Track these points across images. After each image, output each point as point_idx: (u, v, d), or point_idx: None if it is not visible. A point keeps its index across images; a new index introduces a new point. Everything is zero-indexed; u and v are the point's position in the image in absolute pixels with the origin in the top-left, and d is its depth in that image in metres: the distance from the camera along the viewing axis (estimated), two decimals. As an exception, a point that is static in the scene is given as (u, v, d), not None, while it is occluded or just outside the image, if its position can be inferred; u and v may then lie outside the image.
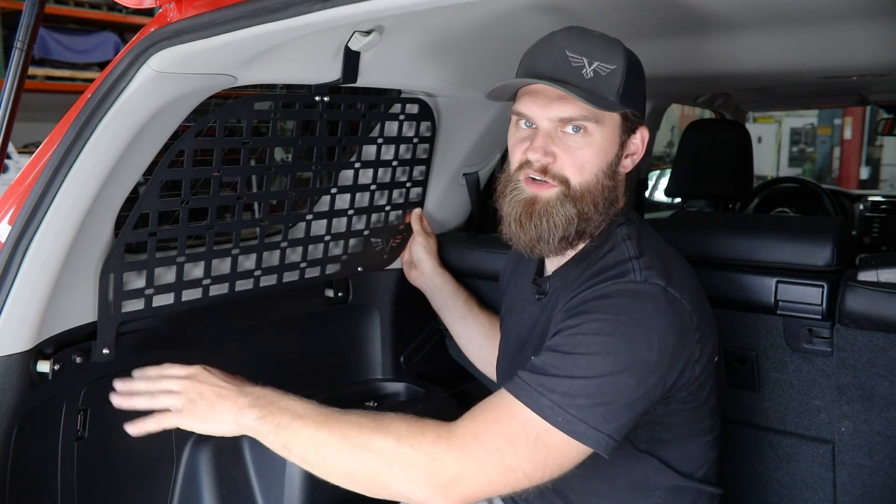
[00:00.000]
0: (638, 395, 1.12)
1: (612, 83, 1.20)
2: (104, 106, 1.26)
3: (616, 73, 1.20)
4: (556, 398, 1.09)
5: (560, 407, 1.09)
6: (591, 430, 1.09)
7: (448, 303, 1.86)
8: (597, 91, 1.20)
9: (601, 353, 1.12)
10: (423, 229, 1.96)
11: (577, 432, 1.09)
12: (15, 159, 4.58)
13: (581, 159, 1.24)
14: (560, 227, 1.24)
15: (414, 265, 1.94)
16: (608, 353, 1.12)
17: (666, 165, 4.71)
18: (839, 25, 1.48)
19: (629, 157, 1.30)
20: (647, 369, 1.13)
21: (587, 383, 1.10)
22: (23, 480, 1.37)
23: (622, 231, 1.29)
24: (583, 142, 1.23)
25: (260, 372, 1.85)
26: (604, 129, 1.24)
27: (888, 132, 4.41)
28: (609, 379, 1.11)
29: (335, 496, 1.72)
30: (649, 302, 1.16)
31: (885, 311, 1.51)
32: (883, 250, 3.55)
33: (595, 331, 1.13)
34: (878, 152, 12.29)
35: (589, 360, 1.11)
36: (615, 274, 1.20)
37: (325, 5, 1.08)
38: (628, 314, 1.14)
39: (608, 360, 1.11)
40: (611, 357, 1.11)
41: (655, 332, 1.14)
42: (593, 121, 1.22)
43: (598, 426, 1.10)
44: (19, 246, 1.28)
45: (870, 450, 1.60)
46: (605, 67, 1.20)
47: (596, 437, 1.10)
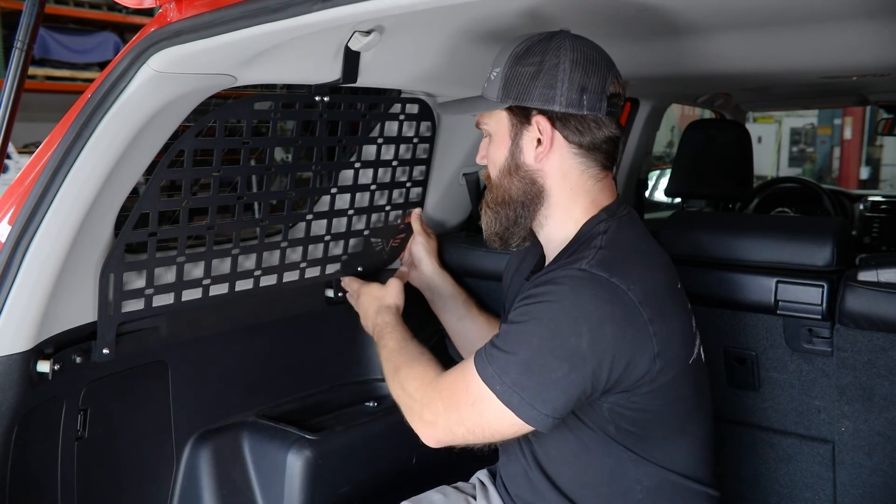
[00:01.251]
0: (571, 379, 1.18)
1: (495, 86, 1.32)
2: (104, 106, 1.26)
3: (499, 77, 1.31)
4: (497, 368, 1.21)
5: (498, 376, 1.20)
6: (525, 403, 1.19)
7: (448, 303, 1.86)
8: (487, 97, 1.34)
9: (531, 333, 1.20)
10: (423, 229, 1.96)
11: (511, 403, 1.19)
12: (15, 159, 4.58)
13: (490, 156, 1.39)
14: (488, 226, 1.41)
15: (413, 265, 1.94)
16: (534, 333, 1.20)
17: (666, 165, 4.70)
18: (839, 25, 1.48)
19: (538, 148, 1.31)
20: (579, 355, 1.18)
21: (518, 360, 1.20)
22: (23, 480, 1.37)
23: (601, 226, 1.31)
24: (490, 141, 1.39)
25: (260, 372, 1.86)
26: (496, 126, 1.36)
27: (888, 132, 4.41)
28: (537, 358, 1.19)
29: (335, 496, 1.73)
30: (586, 291, 1.19)
31: (885, 311, 1.51)
32: (883, 250, 3.55)
33: (530, 313, 1.21)
34: (878, 152, 12.29)
35: (519, 338, 1.21)
36: (570, 262, 1.24)
37: (325, 5, 1.08)
38: (560, 300, 1.20)
39: (534, 341, 1.20)
40: (535, 339, 1.20)
41: (587, 320, 1.18)
42: (485, 122, 1.38)
43: (533, 402, 1.18)
44: (19, 246, 1.28)
45: (870, 450, 1.60)
46: (494, 73, 1.33)
47: (530, 411, 1.19)
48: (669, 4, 1.35)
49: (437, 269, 1.91)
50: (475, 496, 1.54)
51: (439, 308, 1.88)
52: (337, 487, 1.73)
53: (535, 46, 1.29)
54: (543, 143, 1.30)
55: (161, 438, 1.67)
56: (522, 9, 1.35)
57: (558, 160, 1.31)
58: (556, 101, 1.27)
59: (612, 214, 1.33)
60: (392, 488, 1.66)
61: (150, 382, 1.64)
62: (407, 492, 1.55)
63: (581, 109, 1.28)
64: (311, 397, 1.95)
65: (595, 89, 1.27)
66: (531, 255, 1.50)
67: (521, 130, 1.32)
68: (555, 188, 1.33)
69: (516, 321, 1.23)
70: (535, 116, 1.30)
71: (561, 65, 1.26)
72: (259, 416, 1.80)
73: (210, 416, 1.75)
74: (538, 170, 1.32)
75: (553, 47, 1.27)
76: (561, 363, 1.17)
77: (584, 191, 1.33)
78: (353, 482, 1.77)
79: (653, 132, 3.17)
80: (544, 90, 1.27)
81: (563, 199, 1.33)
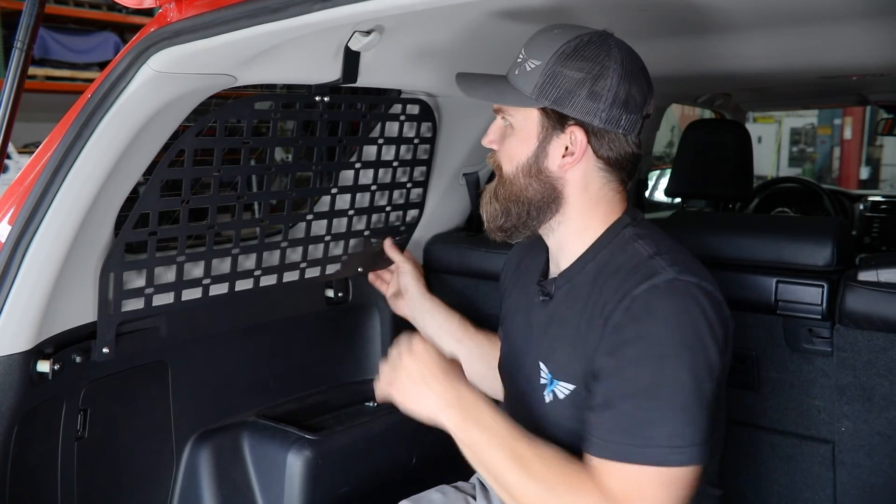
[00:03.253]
0: (713, 393, 1.14)
1: (531, 79, 1.22)
2: (104, 106, 1.26)
3: (537, 70, 1.22)
4: (664, 442, 1.10)
5: (673, 448, 1.10)
6: (698, 447, 1.11)
7: (443, 326, 1.79)
8: (517, 86, 1.24)
9: (676, 376, 1.11)
10: (406, 258, 1.92)
11: (693, 458, 1.11)
12: (15, 159, 4.58)
13: (508, 150, 1.29)
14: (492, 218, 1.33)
15: (401, 294, 1.89)
16: (682, 371, 1.11)
17: (666, 165, 4.70)
18: (839, 25, 1.48)
19: (565, 158, 1.25)
20: (714, 367, 1.14)
21: (682, 413, 1.11)
22: (23, 480, 1.37)
23: (629, 231, 1.28)
24: (510, 134, 1.29)
25: (260, 372, 1.86)
26: (522, 121, 1.27)
27: (888, 132, 4.41)
28: (696, 398, 1.11)
29: (335, 496, 1.73)
30: (690, 300, 1.15)
31: (885, 311, 1.51)
32: (883, 250, 3.55)
33: (658, 354, 1.13)
34: (878, 152, 12.29)
35: (672, 390, 1.11)
36: (644, 274, 1.18)
37: (325, 5, 1.08)
38: (679, 319, 1.14)
39: (685, 379, 1.11)
40: (686, 374, 1.11)
41: (708, 328, 1.14)
42: (509, 113, 1.29)
43: (701, 440, 1.11)
44: (19, 246, 1.28)
45: (870, 450, 1.60)
46: (532, 63, 1.23)
47: (702, 449, 1.11)
48: (669, 4, 1.35)
49: (426, 295, 1.86)
50: (475, 496, 1.54)
51: (433, 334, 1.80)
52: (337, 487, 1.73)
53: (584, 50, 1.21)
54: (574, 153, 1.25)
55: (161, 438, 1.67)
56: (522, 8, 1.35)
57: (582, 171, 1.26)
58: (596, 115, 1.20)
59: (633, 217, 1.31)
60: (392, 488, 1.66)
61: (150, 382, 1.64)
62: (407, 492, 1.55)
63: (618, 128, 1.22)
64: (311, 397, 1.95)
65: (635, 110, 1.22)
66: (531, 255, 1.48)
67: (552, 135, 1.25)
68: (573, 197, 1.28)
69: (644, 379, 1.12)
70: (571, 126, 1.23)
71: (609, 77, 1.19)
72: (259, 416, 1.80)
73: (210, 416, 1.75)
74: (560, 177, 1.27)
75: (603, 55, 1.21)
76: (707, 384, 1.12)
77: (604, 201, 1.29)
78: (353, 482, 1.77)
79: (653, 132, 3.17)
80: (587, 101, 1.20)
81: (581, 208, 1.29)
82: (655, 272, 1.17)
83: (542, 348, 1.32)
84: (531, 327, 1.38)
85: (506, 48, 1.51)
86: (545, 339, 1.32)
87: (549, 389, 1.28)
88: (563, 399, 1.26)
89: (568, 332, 1.26)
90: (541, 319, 1.35)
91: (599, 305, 1.20)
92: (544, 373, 1.30)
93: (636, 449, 1.10)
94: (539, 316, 1.36)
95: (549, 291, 1.34)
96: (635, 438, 1.11)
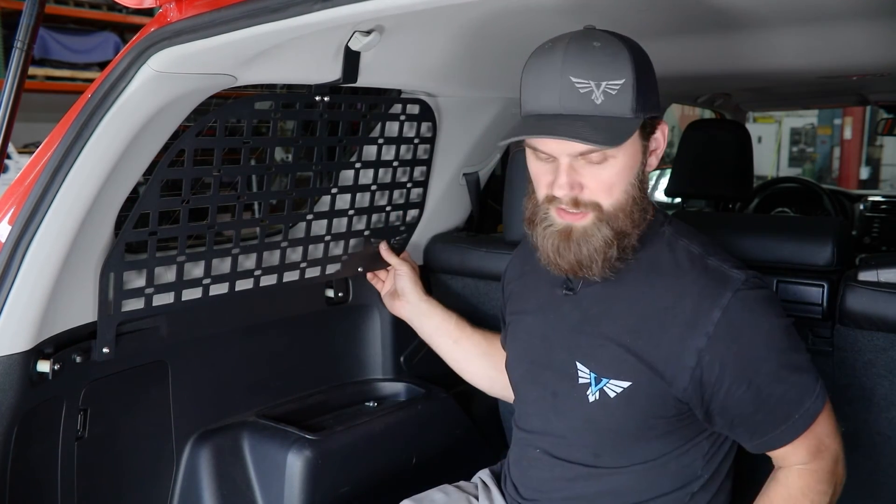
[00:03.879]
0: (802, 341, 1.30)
1: (624, 100, 1.15)
2: (104, 106, 1.26)
3: (626, 88, 1.15)
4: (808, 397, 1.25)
5: (812, 394, 1.25)
6: (821, 382, 1.28)
7: (440, 326, 1.79)
8: (611, 114, 1.15)
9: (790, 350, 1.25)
10: (402, 260, 1.91)
11: (825, 392, 1.28)
12: (15, 159, 4.58)
13: (608, 182, 1.21)
14: (600, 250, 1.22)
15: (398, 296, 1.89)
16: (791, 342, 1.26)
17: (666, 165, 4.70)
18: (839, 25, 1.48)
19: (653, 155, 1.28)
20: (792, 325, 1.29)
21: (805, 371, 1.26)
22: (23, 480, 1.37)
23: (668, 229, 1.31)
24: (606, 164, 1.20)
25: (260, 372, 1.86)
26: (626, 147, 1.19)
27: (888, 132, 4.41)
28: (803, 348, 1.28)
29: (335, 496, 1.73)
30: (764, 290, 1.26)
31: (885, 311, 1.51)
32: (883, 250, 3.55)
33: (782, 345, 1.24)
34: (878, 152, 12.29)
35: (796, 365, 1.25)
36: (717, 281, 1.24)
37: (325, 5, 1.08)
38: (774, 309, 1.26)
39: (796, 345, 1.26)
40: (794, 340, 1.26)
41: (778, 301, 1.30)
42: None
43: (818, 374, 1.28)
44: (19, 246, 1.28)
45: (870, 450, 1.59)
46: (613, 86, 1.15)
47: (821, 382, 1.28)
48: (669, 4, 1.35)
49: (423, 296, 1.85)
50: (477, 496, 1.54)
51: (431, 335, 1.81)
52: (337, 487, 1.73)
53: (635, 47, 1.19)
54: (658, 147, 1.27)
55: (161, 438, 1.67)
56: (522, 8, 1.35)
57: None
58: (659, 105, 1.25)
59: (666, 216, 1.34)
60: (392, 488, 1.66)
61: (150, 382, 1.64)
62: (407, 492, 1.55)
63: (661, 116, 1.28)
64: (311, 397, 1.95)
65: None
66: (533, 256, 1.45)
67: (648, 142, 1.25)
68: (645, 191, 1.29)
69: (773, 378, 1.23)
70: (660, 124, 1.26)
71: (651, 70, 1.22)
72: (259, 416, 1.80)
73: (210, 416, 1.75)
74: (647, 177, 1.28)
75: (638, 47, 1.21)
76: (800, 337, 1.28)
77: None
78: (353, 482, 1.76)
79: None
80: (657, 97, 1.24)
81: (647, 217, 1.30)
82: (727, 276, 1.24)
83: (579, 347, 1.32)
84: (556, 325, 1.37)
85: (506, 48, 1.52)
86: (581, 338, 1.32)
87: (596, 388, 1.28)
88: (614, 397, 1.27)
89: (612, 331, 1.27)
90: (571, 318, 1.34)
91: (661, 308, 1.25)
92: (584, 372, 1.30)
93: (799, 418, 1.24)
94: (568, 314, 1.34)
95: (574, 287, 1.34)
96: (794, 412, 1.24)
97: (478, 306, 2.06)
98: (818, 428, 1.26)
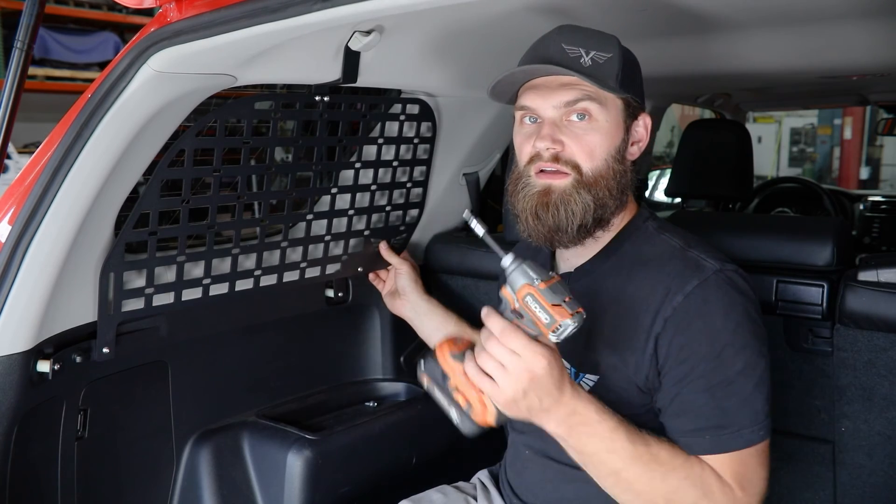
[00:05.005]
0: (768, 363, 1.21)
1: (610, 69, 1.21)
2: (104, 106, 1.26)
3: (613, 61, 1.21)
4: (749, 423, 1.16)
5: (756, 425, 1.17)
6: (770, 419, 1.19)
7: (440, 326, 1.79)
8: (596, 75, 1.20)
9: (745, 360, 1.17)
10: (403, 260, 1.91)
11: (769, 429, 1.18)
12: (15, 159, 4.58)
13: (590, 144, 1.23)
14: (577, 214, 1.23)
15: (398, 295, 1.88)
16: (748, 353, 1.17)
17: (666, 165, 4.70)
18: (839, 25, 1.48)
19: (635, 145, 1.29)
20: (766, 340, 1.21)
21: (756, 393, 1.17)
22: (23, 480, 1.37)
23: (651, 224, 1.31)
24: (589, 127, 1.22)
25: (260, 372, 1.86)
26: (608, 112, 1.23)
27: (888, 132, 4.41)
28: (763, 375, 1.19)
29: (335, 496, 1.73)
30: (737, 287, 1.20)
31: (885, 311, 1.51)
32: (883, 250, 3.55)
33: (724, 344, 1.17)
34: (878, 152, 12.28)
35: (744, 374, 1.17)
36: (689, 268, 1.21)
37: (325, 5, 1.08)
38: (737, 308, 1.19)
39: (752, 359, 1.18)
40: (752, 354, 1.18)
41: (755, 307, 1.22)
42: (597, 102, 1.22)
43: (770, 410, 1.19)
44: (19, 246, 1.28)
45: (870, 450, 1.60)
46: (601, 56, 1.21)
47: (771, 419, 1.19)
48: (668, 4, 1.35)
49: (423, 296, 1.85)
50: (476, 496, 1.54)
51: (431, 335, 1.81)
52: (337, 487, 1.73)
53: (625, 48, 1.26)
54: (642, 139, 1.29)
55: (161, 438, 1.67)
56: (522, 8, 1.35)
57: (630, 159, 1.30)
58: (645, 100, 1.28)
59: (651, 212, 1.35)
60: (392, 488, 1.66)
61: (150, 382, 1.64)
62: (407, 492, 1.55)
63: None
64: (311, 397, 1.95)
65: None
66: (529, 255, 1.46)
67: (631, 124, 1.28)
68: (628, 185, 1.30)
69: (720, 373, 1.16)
70: (642, 114, 1.29)
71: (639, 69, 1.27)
72: (259, 416, 1.80)
73: (210, 416, 1.75)
74: (629, 165, 1.29)
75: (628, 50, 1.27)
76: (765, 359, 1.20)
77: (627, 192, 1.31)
78: (353, 482, 1.77)
79: (653, 132, 3.16)
80: (641, 91, 1.27)
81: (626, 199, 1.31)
82: (700, 265, 1.21)
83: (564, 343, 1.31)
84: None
85: (506, 48, 1.51)
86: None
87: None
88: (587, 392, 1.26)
89: (595, 324, 1.26)
90: None
91: (638, 298, 1.22)
92: (566, 367, 1.29)
93: (730, 437, 1.16)
94: None
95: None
96: (727, 428, 1.16)
97: (478, 306, 2.05)
98: (749, 460, 1.17)
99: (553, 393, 1.09)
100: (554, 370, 1.08)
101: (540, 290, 1.07)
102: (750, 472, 1.17)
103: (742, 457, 1.16)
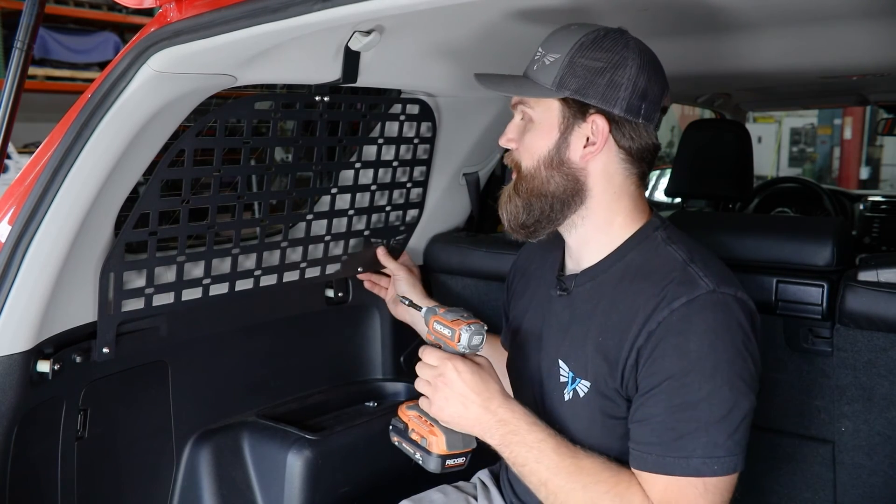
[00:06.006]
0: (752, 405, 1.16)
1: (550, 72, 1.23)
2: (104, 106, 1.26)
3: (556, 63, 1.23)
4: (701, 453, 1.12)
5: (710, 458, 1.12)
6: (735, 458, 1.14)
7: None
8: (536, 80, 1.25)
9: (716, 390, 1.13)
10: (401, 265, 1.90)
11: (730, 466, 1.13)
12: (15, 159, 4.58)
13: (527, 144, 1.29)
14: (513, 215, 1.31)
15: (399, 301, 1.85)
16: (721, 385, 1.13)
17: (666, 165, 4.70)
18: (839, 25, 1.48)
19: (587, 148, 1.25)
20: (753, 378, 1.17)
21: (719, 425, 1.13)
22: (23, 480, 1.37)
23: (660, 234, 1.28)
24: (529, 128, 1.29)
25: (260, 372, 1.86)
26: (542, 113, 1.27)
27: (888, 132, 4.41)
28: (734, 410, 1.13)
29: (335, 496, 1.73)
30: (729, 313, 1.17)
31: (885, 311, 1.51)
32: (883, 250, 3.55)
33: (698, 368, 1.14)
34: (878, 152, 12.28)
35: (711, 404, 1.13)
36: (683, 285, 1.18)
37: (325, 5, 1.08)
38: (719, 334, 1.15)
39: (725, 392, 1.13)
40: (725, 387, 1.13)
41: (745, 340, 1.16)
42: (529, 106, 1.28)
43: (739, 450, 1.14)
44: (19, 246, 1.28)
45: (870, 450, 1.59)
46: (551, 57, 1.24)
47: (739, 459, 1.14)
48: (670, 4, 1.35)
49: (424, 299, 1.85)
50: (476, 496, 1.54)
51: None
52: (337, 487, 1.73)
53: (602, 41, 1.23)
54: (596, 143, 1.25)
55: (161, 438, 1.67)
56: (523, 8, 1.35)
57: (603, 162, 1.26)
58: (617, 103, 1.22)
59: (663, 221, 1.31)
60: (392, 488, 1.66)
61: (150, 382, 1.64)
62: (407, 492, 1.55)
63: (638, 117, 1.23)
64: (311, 397, 1.95)
65: (654, 99, 1.24)
66: (541, 254, 1.47)
67: (573, 125, 1.25)
68: (597, 189, 1.27)
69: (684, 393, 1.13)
70: (592, 115, 1.23)
71: (629, 67, 1.21)
72: (259, 416, 1.81)
73: (210, 416, 1.75)
74: (582, 168, 1.26)
75: (621, 46, 1.22)
76: (747, 397, 1.14)
77: (626, 195, 1.29)
78: (353, 482, 1.77)
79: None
80: (607, 90, 1.21)
81: (606, 201, 1.28)
82: (694, 283, 1.18)
83: (563, 346, 1.32)
84: (549, 325, 1.37)
85: (506, 48, 1.52)
86: (566, 337, 1.32)
87: (571, 388, 1.28)
88: (582, 397, 1.26)
89: (591, 330, 1.26)
90: (562, 318, 1.34)
91: (632, 309, 1.21)
92: (565, 371, 1.30)
93: (675, 460, 1.13)
94: (559, 314, 1.35)
95: (568, 287, 1.34)
96: (673, 451, 1.13)
97: (478, 306, 2.06)
98: (690, 490, 1.13)
99: (474, 399, 1.22)
100: (467, 376, 1.22)
101: (440, 314, 1.28)
102: (683, 503, 1.13)
103: (681, 485, 1.13)
